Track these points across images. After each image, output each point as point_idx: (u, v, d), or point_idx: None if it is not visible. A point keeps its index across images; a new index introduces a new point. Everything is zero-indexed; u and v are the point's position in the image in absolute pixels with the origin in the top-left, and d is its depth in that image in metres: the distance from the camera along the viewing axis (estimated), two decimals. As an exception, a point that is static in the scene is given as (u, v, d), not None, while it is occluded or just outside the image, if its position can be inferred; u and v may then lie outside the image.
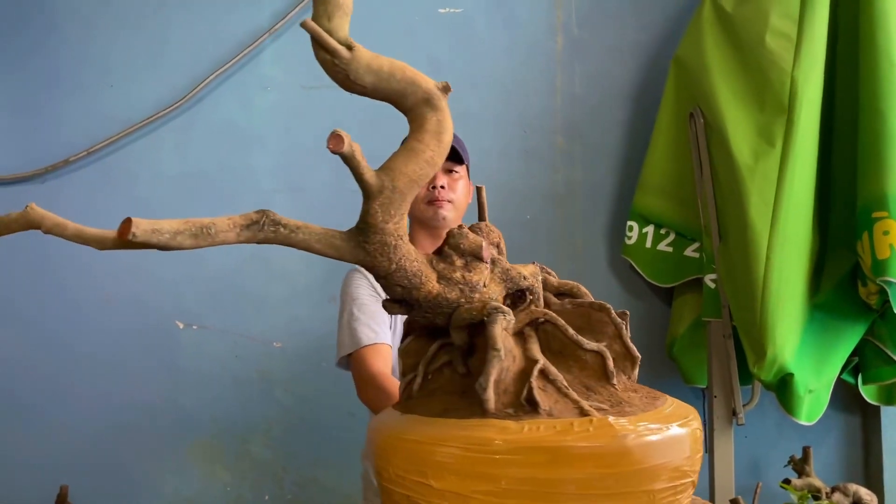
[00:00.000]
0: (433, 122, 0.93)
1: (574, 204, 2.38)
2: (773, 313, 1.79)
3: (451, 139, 0.91)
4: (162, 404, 2.26)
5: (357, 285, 1.77)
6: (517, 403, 0.84)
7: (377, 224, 0.87)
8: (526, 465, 0.79)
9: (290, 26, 2.34)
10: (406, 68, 0.90)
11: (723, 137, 1.93)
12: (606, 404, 0.89)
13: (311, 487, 2.28)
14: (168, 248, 0.77)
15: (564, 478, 0.80)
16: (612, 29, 2.41)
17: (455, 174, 1.83)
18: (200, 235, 0.79)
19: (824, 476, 2.25)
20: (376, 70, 0.89)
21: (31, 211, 0.79)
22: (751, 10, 1.96)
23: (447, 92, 0.92)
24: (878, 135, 1.78)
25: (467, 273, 0.92)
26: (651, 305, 2.37)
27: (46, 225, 0.79)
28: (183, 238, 0.78)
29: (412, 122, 0.93)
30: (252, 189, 2.31)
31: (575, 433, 0.81)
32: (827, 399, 1.93)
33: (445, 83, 0.92)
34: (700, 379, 2.18)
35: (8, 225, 0.80)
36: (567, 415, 0.84)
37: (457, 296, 0.91)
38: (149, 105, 2.28)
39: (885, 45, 1.81)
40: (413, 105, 0.92)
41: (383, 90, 0.90)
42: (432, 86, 0.92)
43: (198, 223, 0.79)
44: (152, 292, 2.27)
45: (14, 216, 0.80)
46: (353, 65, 0.86)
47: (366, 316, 1.72)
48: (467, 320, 0.90)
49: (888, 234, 1.71)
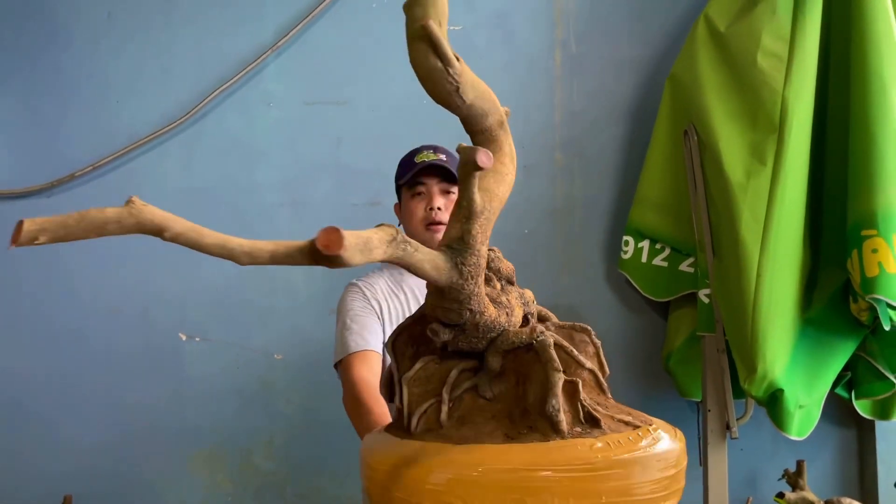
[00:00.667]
0: (507, 145, 0.92)
1: (572, 218, 2.41)
2: (764, 329, 1.81)
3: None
4: (166, 415, 2.29)
5: (353, 298, 1.81)
6: (578, 422, 0.87)
7: (476, 246, 0.84)
8: (623, 478, 0.85)
9: (292, 43, 2.38)
10: (489, 89, 0.87)
11: (716, 155, 1.96)
12: (625, 415, 0.94)
13: (313, 497, 2.31)
14: (346, 264, 0.70)
15: (647, 480, 0.88)
16: (610, 46, 2.44)
17: (452, 195, 1.81)
18: (364, 250, 0.73)
19: (820, 489, 2.27)
20: (476, 86, 0.85)
21: (141, 210, 0.63)
22: (743, 30, 1.99)
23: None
24: (867, 154, 1.80)
25: (506, 297, 0.93)
26: (647, 319, 2.39)
27: (172, 231, 0.65)
28: (352, 254, 0.71)
29: (488, 144, 0.91)
30: (256, 203, 2.35)
31: (648, 441, 0.89)
32: (818, 414, 1.95)
33: (507, 109, 0.92)
34: (695, 392, 2.20)
35: (102, 226, 0.62)
36: (620, 429, 0.89)
37: (505, 319, 0.90)
38: (154, 120, 2.33)
39: (875, 66, 1.83)
40: (489, 127, 0.90)
41: (476, 108, 0.86)
42: (503, 110, 0.91)
43: (363, 236, 0.74)
44: (157, 305, 2.31)
45: (112, 214, 0.62)
46: (462, 77, 0.81)
47: (358, 325, 1.75)
48: (515, 344, 0.90)
49: (877, 251, 1.73)
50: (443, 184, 1.81)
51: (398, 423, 1.00)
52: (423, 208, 1.80)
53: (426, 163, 1.79)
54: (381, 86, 2.38)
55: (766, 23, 1.94)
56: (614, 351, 2.38)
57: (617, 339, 2.38)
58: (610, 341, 2.36)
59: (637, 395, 2.36)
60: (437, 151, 1.83)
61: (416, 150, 1.86)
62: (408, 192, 1.83)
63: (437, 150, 1.84)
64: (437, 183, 1.81)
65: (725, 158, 1.93)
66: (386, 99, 2.38)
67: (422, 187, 1.81)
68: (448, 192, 1.82)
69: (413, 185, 1.82)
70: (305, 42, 2.39)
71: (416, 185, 1.81)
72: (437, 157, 1.81)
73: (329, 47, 2.39)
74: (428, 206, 1.79)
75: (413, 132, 2.35)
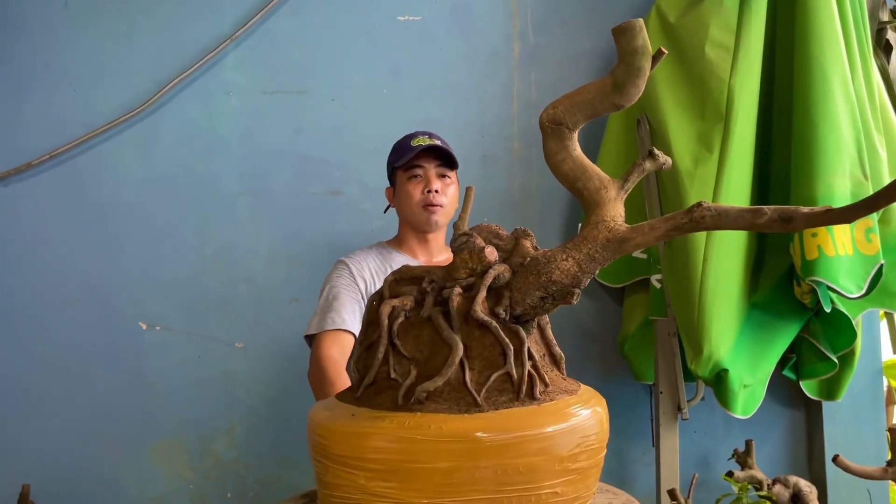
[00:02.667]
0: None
1: (530, 207, 2.45)
2: (710, 312, 1.87)
3: None
4: (126, 405, 2.29)
5: (339, 275, 1.86)
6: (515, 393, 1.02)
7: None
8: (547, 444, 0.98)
9: (251, 32, 2.38)
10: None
11: (666, 143, 2.01)
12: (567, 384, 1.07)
13: (274, 486, 2.33)
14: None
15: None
16: (568, 37, 2.48)
17: (447, 179, 1.89)
18: None
19: (770, 468, 2.35)
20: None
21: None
22: (692, 21, 2.04)
23: None
24: (808, 142, 1.86)
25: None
26: (604, 305, 2.44)
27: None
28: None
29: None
30: (215, 193, 2.35)
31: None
32: (762, 393, 2.01)
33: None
34: (649, 376, 2.26)
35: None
36: (554, 396, 1.06)
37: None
38: (112, 110, 2.32)
39: (817, 56, 1.89)
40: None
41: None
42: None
43: None
44: (115, 294, 2.30)
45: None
46: None
47: (338, 303, 1.79)
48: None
49: (816, 235, 1.79)
50: (440, 168, 1.87)
51: (351, 389, 1.07)
52: (420, 190, 1.85)
53: (424, 146, 1.84)
54: (341, 76, 2.40)
55: (714, 14, 2.00)
56: (572, 336, 2.43)
57: (574, 325, 2.42)
58: (568, 327, 2.42)
59: (594, 379, 2.41)
60: (432, 137, 1.89)
61: (412, 135, 1.91)
62: (404, 174, 1.87)
63: (433, 136, 1.90)
64: (435, 167, 1.86)
65: (674, 146, 1.98)
66: (345, 89, 2.40)
67: (419, 170, 1.86)
68: (444, 175, 1.88)
69: (410, 168, 1.86)
70: (265, 31, 2.40)
71: (413, 168, 1.86)
72: (433, 141, 1.86)
73: (288, 37, 2.40)
74: (426, 188, 1.84)
75: (372, 122, 2.38)
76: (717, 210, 0.94)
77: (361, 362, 1.07)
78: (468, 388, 0.97)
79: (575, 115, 1.05)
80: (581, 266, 1.11)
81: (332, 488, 0.96)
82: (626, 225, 1.02)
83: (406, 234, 1.93)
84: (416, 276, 1.14)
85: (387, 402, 0.99)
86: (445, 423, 0.92)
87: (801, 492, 2.10)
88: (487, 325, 1.01)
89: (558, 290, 1.07)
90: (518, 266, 1.12)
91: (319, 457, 0.98)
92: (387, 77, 2.42)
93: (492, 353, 1.01)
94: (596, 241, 1.09)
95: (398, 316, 1.03)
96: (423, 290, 1.08)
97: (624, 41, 0.96)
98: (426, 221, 1.86)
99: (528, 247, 1.15)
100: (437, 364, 0.99)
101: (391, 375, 1.00)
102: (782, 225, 0.86)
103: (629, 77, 0.98)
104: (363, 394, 1.02)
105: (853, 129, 1.88)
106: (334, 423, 0.97)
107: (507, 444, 0.92)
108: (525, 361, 1.02)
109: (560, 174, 1.09)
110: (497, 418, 0.95)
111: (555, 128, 1.07)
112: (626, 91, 0.98)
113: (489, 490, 0.91)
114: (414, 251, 1.92)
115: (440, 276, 1.10)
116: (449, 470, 0.90)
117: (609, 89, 1.00)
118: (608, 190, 1.08)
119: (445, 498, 0.91)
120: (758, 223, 0.88)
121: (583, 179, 1.08)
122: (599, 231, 1.08)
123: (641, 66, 0.97)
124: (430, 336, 1.02)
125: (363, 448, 0.93)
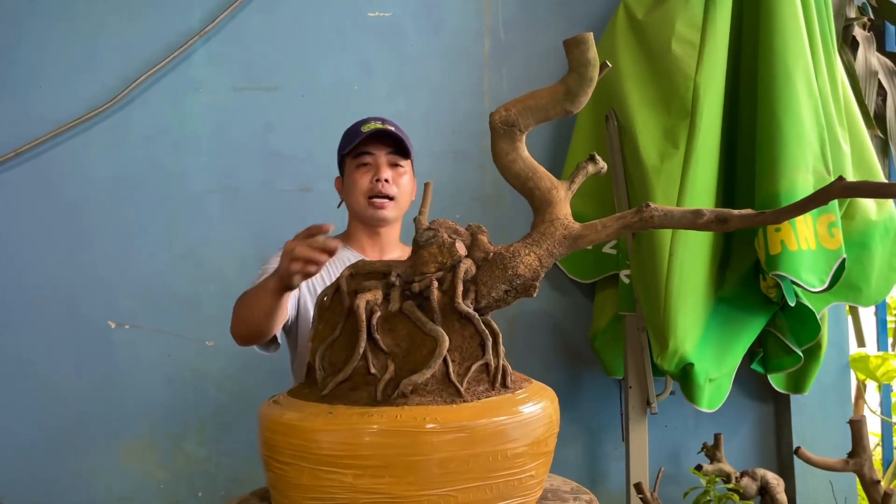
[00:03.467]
0: None
1: (501, 203, 2.45)
2: (675, 307, 1.88)
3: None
4: (94, 404, 2.27)
5: (272, 260, 1.70)
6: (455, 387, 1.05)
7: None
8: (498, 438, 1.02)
9: (221, 28, 2.37)
10: None
11: (633, 139, 2.02)
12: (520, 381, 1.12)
13: (245, 484, 2.29)
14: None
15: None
16: (537, 33, 2.49)
17: (400, 168, 1.71)
18: None
19: (740, 461, 2.37)
20: None
21: None
22: (659, 18, 2.05)
23: None
24: (772, 137, 1.88)
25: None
26: (576, 301, 2.45)
27: None
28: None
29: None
30: (184, 190, 2.33)
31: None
32: (728, 387, 2.03)
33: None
34: (619, 370, 2.27)
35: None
36: (494, 393, 1.10)
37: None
38: (79, 106, 2.30)
39: (781, 52, 1.90)
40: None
41: None
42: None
43: None
44: (84, 292, 2.28)
45: None
46: None
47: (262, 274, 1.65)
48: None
49: (780, 230, 1.81)
50: (392, 155, 1.69)
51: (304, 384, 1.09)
52: (368, 179, 1.67)
53: (373, 130, 1.66)
54: (311, 72, 2.39)
55: (680, 11, 2.01)
56: (544, 332, 2.44)
57: (546, 321, 2.43)
58: (540, 323, 2.43)
59: (565, 374, 2.43)
60: (385, 122, 1.70)
61: (364, 120, 1.72)
62: (352, 161, 1.69)
63: (385, 121, 1.72)
64: (386, 154, 1.68)
65: (641, 142, 1.99)
66: (316, 85, 2.39)
67: (368, 157, 1.68)
68: (396, 164, 1.70)
69: (359, 155, 1.68)
70: (234, 28, 2.38)
71: (362, 155, 1.67)
72: (385, 126, 1.68)
73: (258, 33, 2.39)
74: (374, 177, 1.67)
75: (343, 119, 2.36)
76: (664, 210, 1.00)
77: (327, 359, 1.06)
78: (451, 379, 0.99)
79: (527, 118, 1.09)
80: (541, 261, 1.14)
81: (309, 490, 0.95)
82: (579, 223, 1.06)
83: (355, 229, 1.75)
84: (376, 270, 1.14)
85: (364, 398, 0.99)
86: (440, 415, 0.94)
87: (769, 484, 2.13)
88: (470, 318, 1.03)
89: (521, 284, 1.10)
90: (481, 260, 1.13)
91: (292, 459, 0.96)
92: (357, 73, 2.42)
93: (471, 345, 1.03)
94: (554, 238, 1.11)
95: (374, 311, 1.03)
96: (390, 283, 1.08)
97: (578, 53, 1.01)
98: (373, 217, 1.69)
99: (486, 242, 1.16)
100: (418, 358, 1.01)
101: (370, 371, 1.01)
102: (719, 225, 0.93)
103: (581, 86, 1.03)
104: (334, 391, 1.01)
105: (816, 124, 1.90)
106: (313, 424, 0.96)
107: (497, 431, 0.95)
108: (500, 352, 1.06)
109: (510, 174, 1.12)
110: (484, 407, 0.98)
111: (507, 129, 1.10)
112: (578, 99, 1.05)
113: (480, 477, 0.93)
114: (363, 247, 1.75)
115: (406, 271, 1.11)
116: (445, 460, 0.92)
117: (561, 96, 1.05)
118: (559, 190, 1.12)
119: (439, 489, 0.92)
120: (698, 223, 0.94)
121: (534, 179, 1.12)
122: (556, 228, 1.10)
123: (592, 77, 1.03)
124: (408, 330, 1.03)
125: (353, 445, 0.93)
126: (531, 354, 2.40)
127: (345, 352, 1.04)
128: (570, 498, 1.10)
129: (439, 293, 1.05)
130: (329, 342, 1.07)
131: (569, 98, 1.06)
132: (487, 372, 1.04)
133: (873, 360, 2.31)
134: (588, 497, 1.11)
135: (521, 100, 1.10)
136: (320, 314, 1.11)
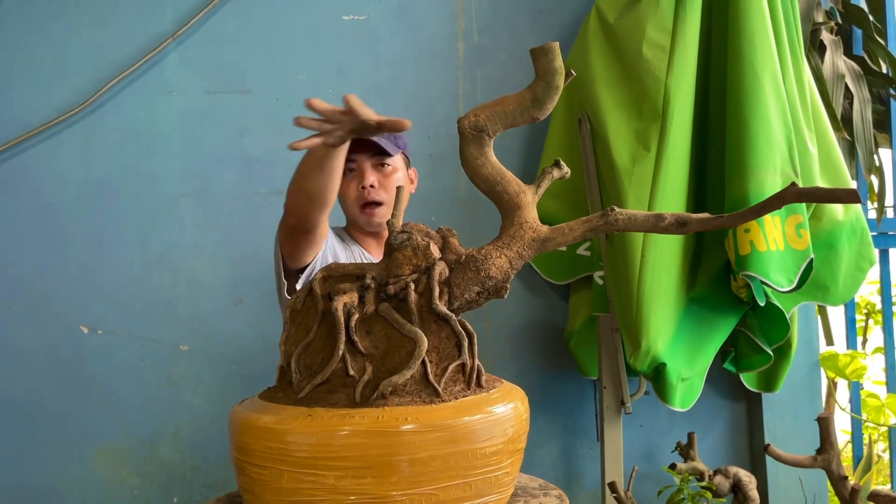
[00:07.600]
0: None
1: (477, 206, 2.46)
2: (647, 307, 1.90)
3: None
4: (67, 410, 2.24)
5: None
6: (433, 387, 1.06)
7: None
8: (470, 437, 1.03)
9: (194, 31, 2.35)
10: None
11: (605, 142, 2.04)
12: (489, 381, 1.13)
13: (221, 490, 2.30)
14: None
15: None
16: (511, 36, 2.50)
17: (387, 168, 1.72)
18: None
19: (713, 460, 2.40)
20: None
21: None
22: (630, 22, 2.08)
23: None
24: (740, 139, 1.91)
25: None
26: (551, 301, 2.47)
27: None
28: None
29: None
30: (157, 194, 2.31)
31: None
32: (701, 386, 2.06)
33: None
34: (594, 371, 2.29)
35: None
36: (467, 393, 1.12)
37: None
38: (50, 109, 2.27)
39: (749, 56, 1.94)
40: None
41: None
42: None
43: None
44: (55, 297, 2.25)
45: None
46: None
47: None
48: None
49: (749, 231, 1.84)
50: (375, 157, 1.71)
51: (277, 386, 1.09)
52: (355, 187, 1.71)
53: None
54: (285, 74, 2.39)
55: (651, 14, 2.03)
56: (519, 332, 2.45)
57: (522, 322, 2.45)
58: (515, 324, 2.44)
59: (541, 375, 2.44)
60: None
61: None
62: None
63: None
64: (369, 158, 1.71)
65: (613, 145, 2.01)
66: (289, 88, 2.39)
67: (352, 164, 1.71)
68: (381, 164, 1.72)
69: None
70: (207, 30, 2.37)
71: (345, 163, 1.64)
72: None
73: (232, 36, 2.38)
74: (360, 185, 1.70)
75: (317, 121, 2.37)
76: (627, 214, 1.03)
77: (303, 362, 1.07)
78: (429, 380, 1.01)
79: (496, 124, 1.12)
80: (511, 263, 1.16)
81: (288, 494, 0.96)
82: (547, 226, 1.09)
83: (356, 230, 1.80)
84: (349, 273, 1.14)
85: (343, 400, 1.00)
86: (420, 415, 0.95)
87: (741, 482, 2.16)
88: (447, 319, 1.05)
89: (493, 286, 1.12)
90: (453, 263, 1.14)
91: (270, 463, 0.96)
92: (332, 76, 2.42)
93: (447, 346, 1.05)
94: (523, 241, 1.13)
95: (352, 313, 1.04)
96: (365, 286, 1.09)
97: (545, 61, 1.04)
98: (367, 224, 1.75)
99: (457, 244, 1.18)
100: (396, 359, 1.02)
101: (349, 373, 1.01)
102: (679, 228, 0.96)
103: (548, 94, 1.07)
104: (311, 394, 1.02)
105: (784, 126, 1.94)
106: (292, 426, 0.96)
107: (475, 430, 0.97)
108: (476, 352, 1.08)
109: (479, 178, 1.15)
110: (462, 406, 1.00)
111: (476, 134, 1.13)
112: (544, 106, 1.08)
113: (460, 476, 0.95)
114: (368, 246, 1.80)
115: (380, 273, 1.12)
116: (426, 459, 0.93)
117: (528, 103, 1.08)
118: (526, 194, 1.14)
119: (420, 488, 0.94)
120: (660, 226, 0.97)
121: (502, 184, 1.14)
122: (525, 231, 1.12)
123: (559, 85, 1.06)
124: (385, 332, 1.04)
125: (334, 447, 0.94)
126: (507, 356, 2.42)
127: (321, 354, 1.05)
128: (540, 494, 1.12)
129: (415, 295, 1.06)
130: (304, 345, 1.07)
131: (536, 105, 1.09)
132: (463, 372, 1.06)
133: (842, 359, 2.35)
134: (557, 492, 1.13)
135: (490, 105, 1.12)
136: (292, 317, 1.11)
